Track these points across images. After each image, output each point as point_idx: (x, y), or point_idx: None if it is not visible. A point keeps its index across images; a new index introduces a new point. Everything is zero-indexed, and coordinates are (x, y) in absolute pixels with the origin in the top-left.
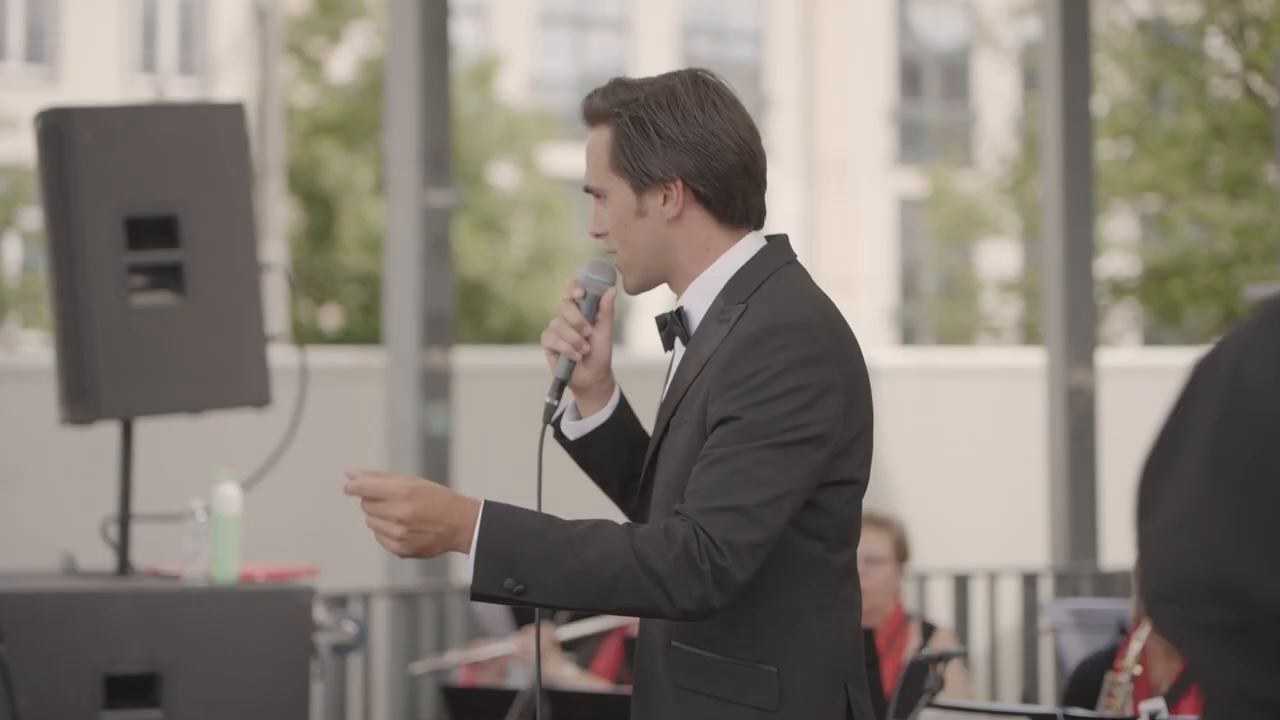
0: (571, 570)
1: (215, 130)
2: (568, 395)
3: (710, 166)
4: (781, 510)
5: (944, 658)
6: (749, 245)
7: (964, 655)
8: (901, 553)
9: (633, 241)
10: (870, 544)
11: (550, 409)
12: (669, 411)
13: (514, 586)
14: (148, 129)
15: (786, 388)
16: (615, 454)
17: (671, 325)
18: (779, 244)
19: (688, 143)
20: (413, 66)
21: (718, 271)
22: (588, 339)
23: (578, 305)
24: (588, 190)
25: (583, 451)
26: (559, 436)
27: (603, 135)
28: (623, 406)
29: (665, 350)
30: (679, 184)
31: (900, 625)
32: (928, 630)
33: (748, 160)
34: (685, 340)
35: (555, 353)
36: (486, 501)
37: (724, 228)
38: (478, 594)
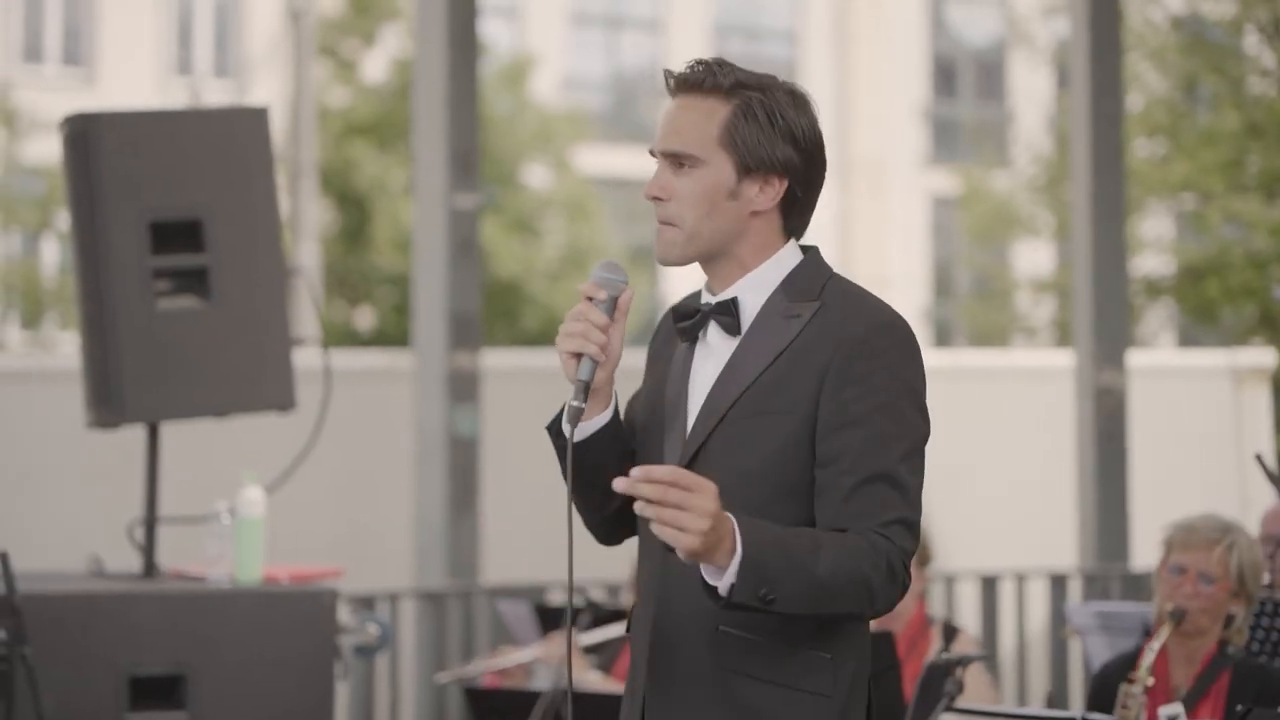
0: (812, 582)
1: (240, 135)
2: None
3: (812, 175)
4: (921, 515)
5: (963, 661)
6: (794, 249)
7: (986, 659)
8: (924, 556)
9: (710, 218)
10: None
11: (577, 412)
12: (724, 403)
13: (767, 596)
14: (173, 134)
15: (910, 389)
16: (610, 455)
17: (714, 315)
18: (819, 253)
19: (805, 145)
20: (441, 68)
21: (773, 268)
22: (608, 340)
23: (598, 305)
24: (667, 154)
25: (581, 454)
26: (559, 439)
27: (714, 107)
28: (618, 408)
29: (685, 340)
30: (784, 181)
31: (922, 629)
32: (949, 633)
33: (824, 181)
34: (736, 331)
35: (575, 355)
36: (736, 515)
37: (784, 232)
38: (734, 603)
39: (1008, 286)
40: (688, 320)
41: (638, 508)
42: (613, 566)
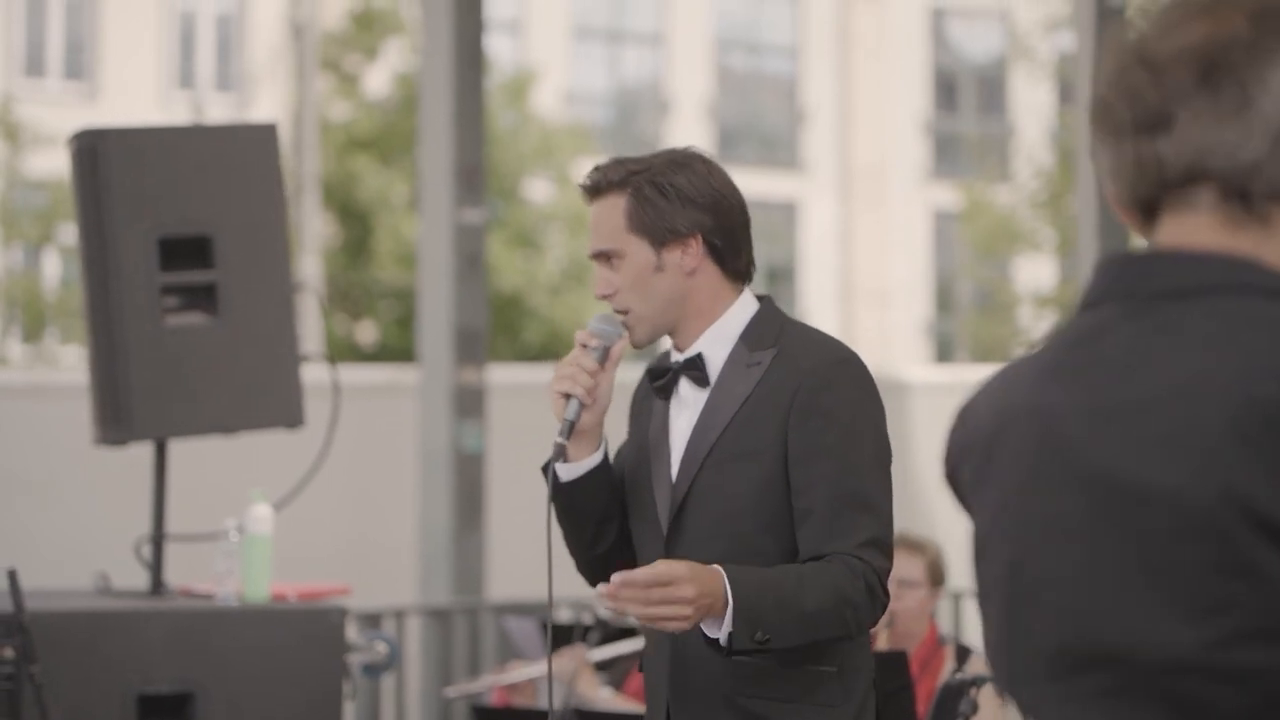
0: (801, 614)
1: (248, 151)
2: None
3: (723, 223)
4: (892, 532)
5: (978, 682)
6: (750, 299)
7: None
8: (936, 576)
9: (650, 296)
10: (904, 568)
11: (560, 449)
12: (702, 451)
13: (763, 636)
14: (181, 150)
15: (869, 417)
16: (600, 494)
17: (683, 371)
18: (772, 302)
19: (704, 201)
20: (447, 83)
21: (731, 320)
22: (596, 385)
23: (591, 353)
24: (597, 256)
25: (573, 494)
26: (551, 479)
27: (615, 202)
28: (607, 453)
29: (661, 398)
30: (699, 238)
31: (935, 649)
32: (962, 654)
33: (747, 220)
34: (705, 383)
35: (564, 396)
36: (724, 567)
37: (728, 280)
38: (734, 650)
39: (1009, 301)
40: (660, 379)
41: (629, 614)
42: None
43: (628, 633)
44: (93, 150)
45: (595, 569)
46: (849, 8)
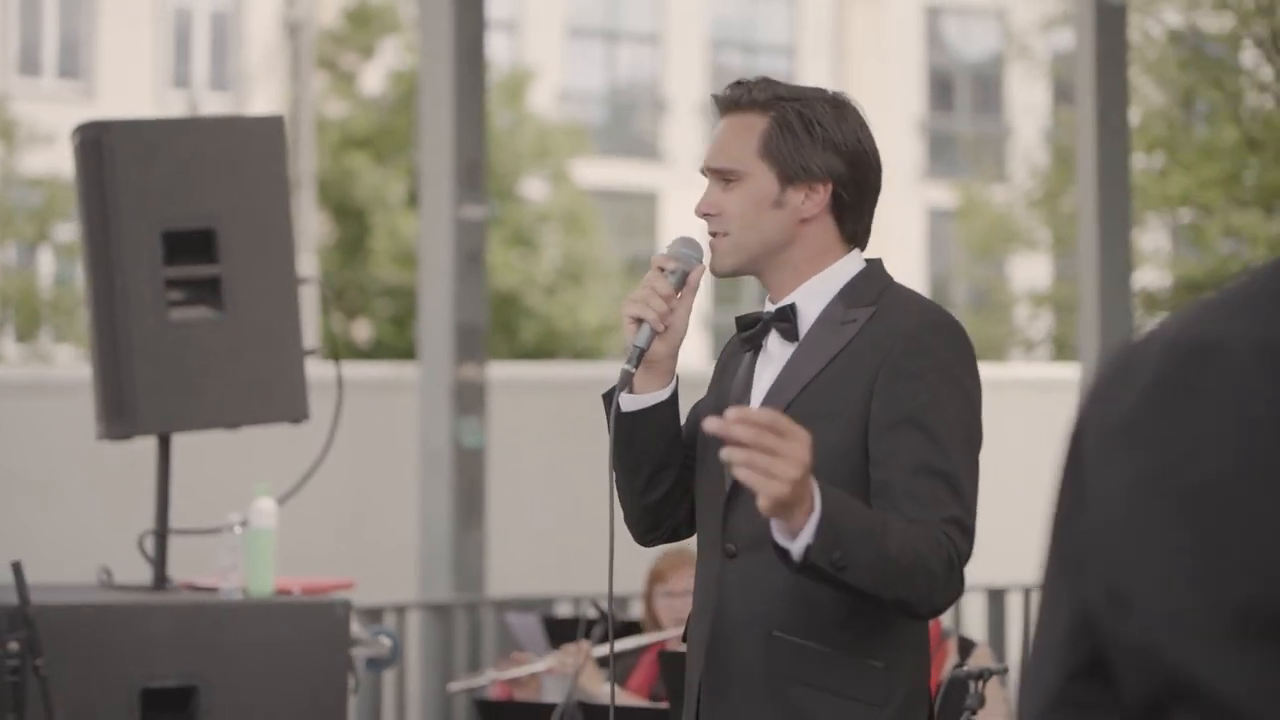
0: (882, 554)
1: (253, 143)
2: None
3: (858, 178)
4: (976, 520)
5: (984, 675)
6: (857, 259)
7: (1004, 672)
8: None
9: (756, 229)
10: None
11: (627, 376)
12: (779, 405)
13: (840, 560)
14: (186, 142)
15: (963, 391)
16: (663, 436)
17: (774, 322)
18: (881, 264)
19: (847, 150)
20: (447, 79)
21: (832, 276)
22: (671, 311)
23: (667, 277)
24: (713, 171)
25: (633, 429)
26: (614, 410)
27: (753, 121)
28: (677, 391)
29: (747, 349)
30: (828, 186)
31: (938, 642)
32: (965, 647)
33: (879, 186)
34: (794, 337)
35: (636, 321)
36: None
37: (841, 238)
38: (807, 563)
39: (1005, 300)
40: (749, 330)
41: (725, 454)
42: (621, 579)
43: (632, 627)
44: (97, 143)
45: (644, 521)
46: (845, 7)
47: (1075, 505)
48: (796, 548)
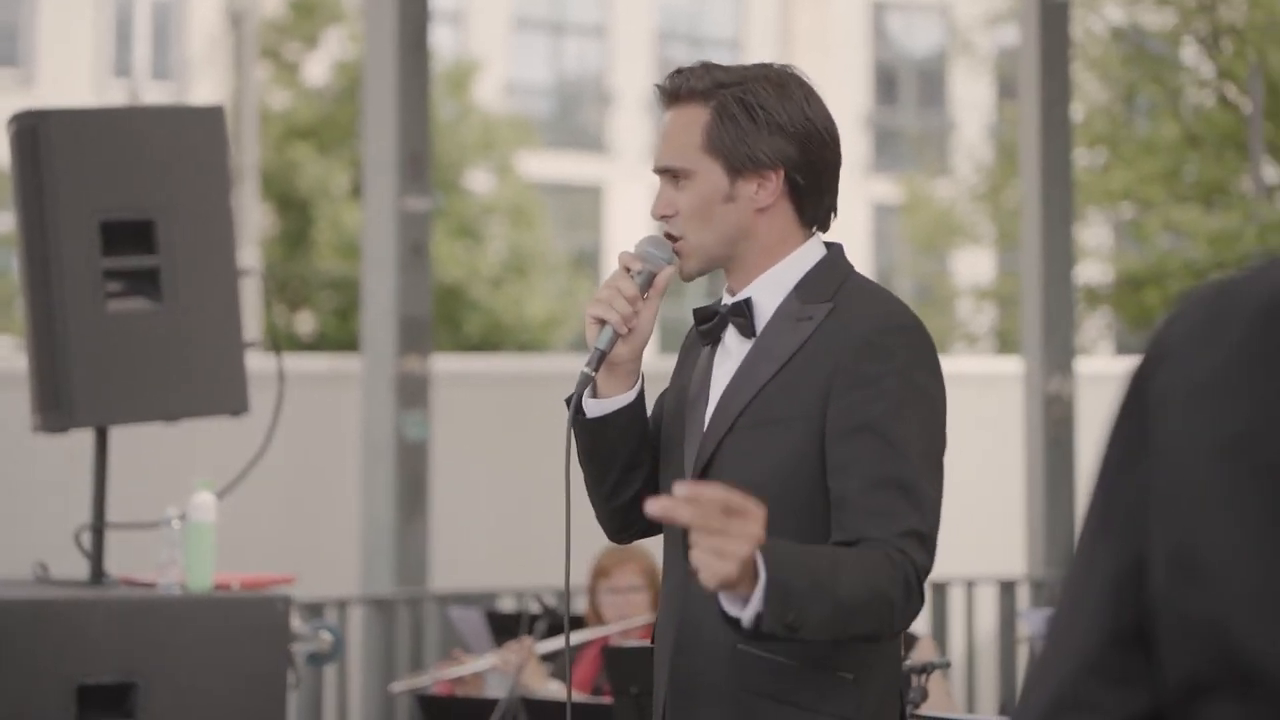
0: (836, 603)
1: (193, 134)
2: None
3: (812, 159)
4: (938, 529)
5: (927, 669)
6: (817, 246)
7: (947, 666)
8: None
9: (711, 227)
10: None
11: (586, 380)
12: (734, 410)
13: (795, 622)
14: (125, 132)
15: (924, 394)
16: (631, 438)
17: (730, 317)
18: (841, 251)
19: (795, 131)
20: (391, 70)
21: (791, 267)
22: (636, 314)
23: (633, 277)
24: (661, 171)
25: (597, 433)
26: (572, 413)
27: (695, 114)
28: (643, 392)
29: (706, 343)
30: (781, 173)
31: None
32: (909, 640)
33: (838, 160)
34: (750, 333)
35: (600, 322)
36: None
37: (801, 224)
38: (760, 633)
39: (949, 294)
40: (707, 323)
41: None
42: (560, 575)
43: (575, 622)
44: (33, 131)
45: (615, 522)
46: (789, 2)
47: (1136, 452)
48: (747, 617)
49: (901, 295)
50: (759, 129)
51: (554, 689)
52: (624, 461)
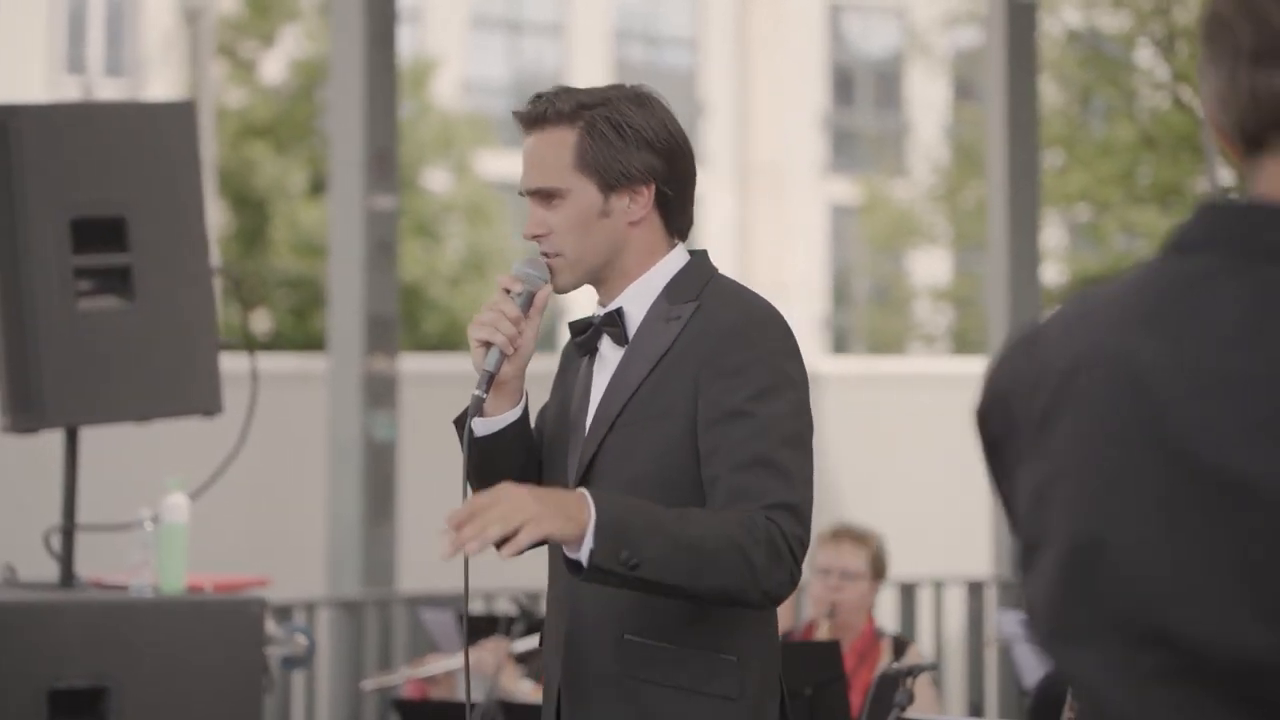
0: (680, 543)
1: (165, 130)
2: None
3: (677, 173)
4: (811, 505)
5: (914, 672)
6: (681, 254)
7: (935, 669)
8: (878, 569)
9: (588, 242)
10: (847, 559)
11: (479, 402)
12: (612, 411)
13: (630, 560)
14: (95, 128)
15: (788, 379)
16: (516, 453)
17: (603, 327)
18: (705, 256)
19: (662, 146)
20: (357, 67)
21: (657, 275)
22: (520, 334)
23: (514, 298)
24: (533, 193)
25: (488, 449)
26: (467, 435)
27: (562, 136)
28: (527, 408)
29: (582, 354)
30: (651, 187)
31: (872, 642)
32: (900, 647)
33: (695, 172)
34: (623, 341)
35: (484, 345)
36: (589, 488)
37: (668, 234)
38: (596, 569)
39: (906, 294)
40: (582, 334)
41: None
42: (530, 575)
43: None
44: (3, 126)
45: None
46: (746, 2)
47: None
48: (584, 556)
49: (859, 295)
50: (628, 145)
51: (526, 689)
52: (514, 476)
